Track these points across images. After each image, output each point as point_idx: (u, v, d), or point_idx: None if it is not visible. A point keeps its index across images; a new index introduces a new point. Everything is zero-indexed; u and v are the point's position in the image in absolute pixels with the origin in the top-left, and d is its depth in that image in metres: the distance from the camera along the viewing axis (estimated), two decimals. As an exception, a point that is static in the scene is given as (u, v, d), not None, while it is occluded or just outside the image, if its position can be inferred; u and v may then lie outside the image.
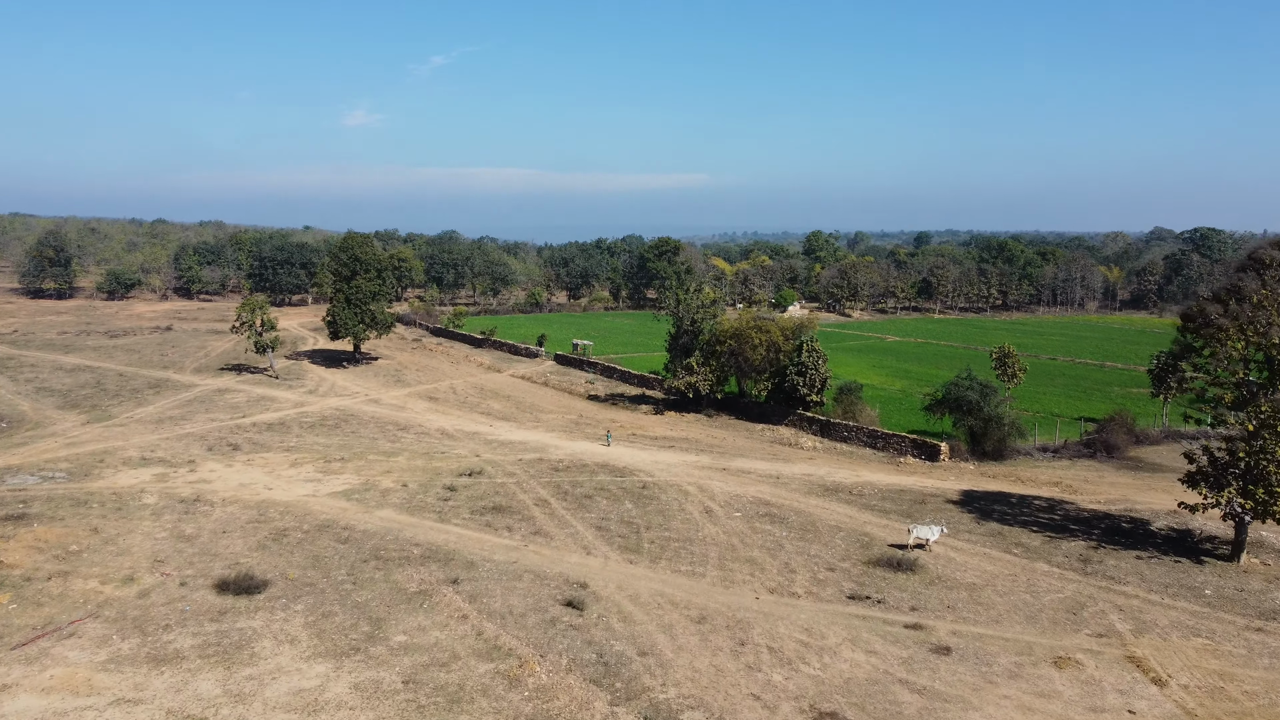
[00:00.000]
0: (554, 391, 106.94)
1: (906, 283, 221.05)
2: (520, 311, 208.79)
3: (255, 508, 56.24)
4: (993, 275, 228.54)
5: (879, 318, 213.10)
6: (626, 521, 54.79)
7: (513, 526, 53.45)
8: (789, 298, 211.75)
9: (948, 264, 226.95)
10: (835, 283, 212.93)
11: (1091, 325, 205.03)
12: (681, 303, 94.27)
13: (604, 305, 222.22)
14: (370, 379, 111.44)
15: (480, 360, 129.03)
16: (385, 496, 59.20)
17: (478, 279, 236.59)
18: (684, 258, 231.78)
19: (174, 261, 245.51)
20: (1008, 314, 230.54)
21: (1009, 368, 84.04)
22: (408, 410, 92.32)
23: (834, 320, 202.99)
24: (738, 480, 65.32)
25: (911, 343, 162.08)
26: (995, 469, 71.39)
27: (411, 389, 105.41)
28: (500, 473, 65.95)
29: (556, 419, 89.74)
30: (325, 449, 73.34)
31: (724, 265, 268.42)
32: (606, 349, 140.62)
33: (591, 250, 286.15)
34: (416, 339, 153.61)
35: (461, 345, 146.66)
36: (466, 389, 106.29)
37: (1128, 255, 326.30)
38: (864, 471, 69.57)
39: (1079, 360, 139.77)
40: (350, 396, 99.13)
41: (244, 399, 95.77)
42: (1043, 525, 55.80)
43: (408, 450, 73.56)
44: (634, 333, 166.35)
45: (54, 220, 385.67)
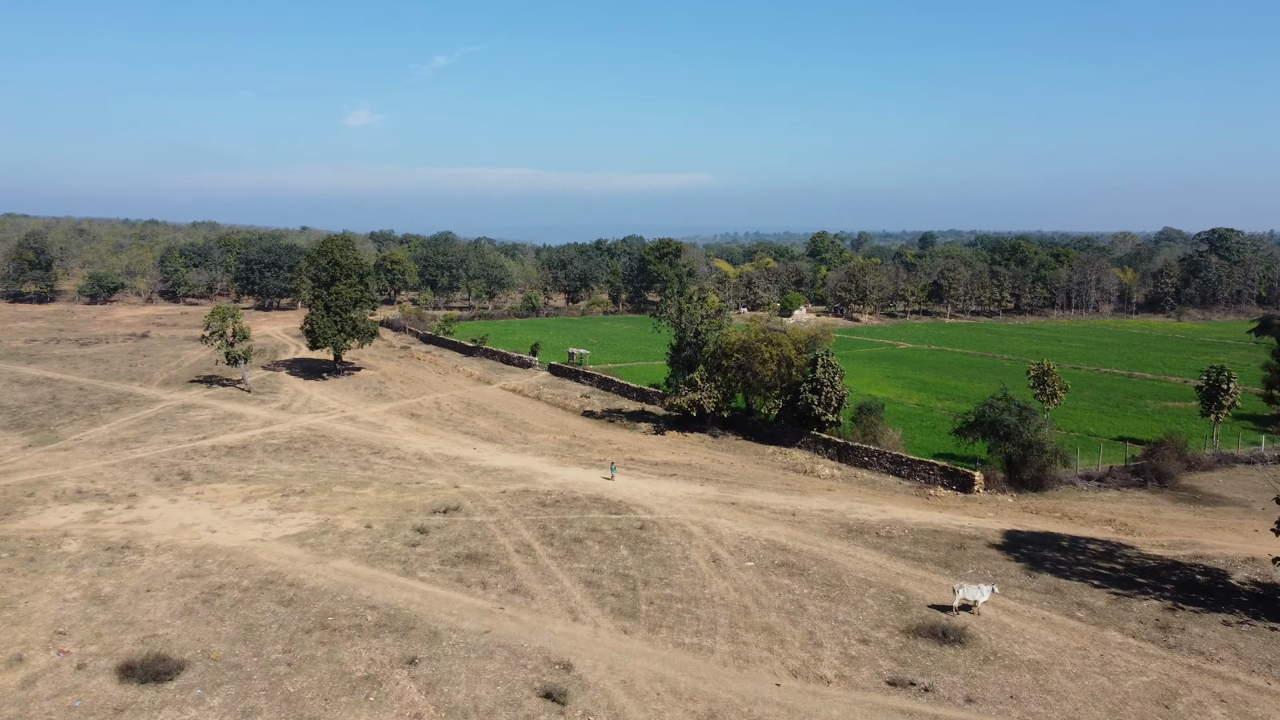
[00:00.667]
0: (546, 407, 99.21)
1: (916, 286, 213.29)
2: (516, 316, 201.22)
3: (192, 556, 48.59)
4: (1005, 278, 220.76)
5: (888, 322, 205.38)
6: (621, 574, 47.10)
7: (488, 581, 45.77)
8: (795, 301, 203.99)
9: (959, 266, 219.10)
10: (843, 286, 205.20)
11: (1109, 330, 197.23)
12: (684, 312, 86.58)
13: (603, 309, 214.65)
14: (349, 392, 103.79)
15: (470, 371, 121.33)
16: (344, 541, 51.52)
17: (473, 282, 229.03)
18: (686, 260, 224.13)
19: (160, 264, 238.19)
20: (1020, 318, 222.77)
21: (1048, 386, 76.11)
22: (385, 430, 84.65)
23: (842, 325, 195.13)
24: (748, 518, 57.61)
25: (925, 350, 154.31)
26: (1037, 502, 63.63)
27: (393, 404, 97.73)
28: (480, 509, 58.27)
29: (547, 440, 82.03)
30: (286, 478, 65.66)
31: (727, 267, 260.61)
32: (604, 357, 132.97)
33: (591, 252, 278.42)
34: (405, 346, 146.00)
35: (451, 354, 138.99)
36: (452, 404, 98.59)
37: (1139, 257, 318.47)
38: (890, 505, 61.83)
39: (1104, 370, 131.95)
40: (325, 413, 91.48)
41: (208, 417, 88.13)
42: (1104, 578, 48.07)
43: (379, 480, 65.87)
44: (634, 339, 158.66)
45: (43, 221, 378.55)
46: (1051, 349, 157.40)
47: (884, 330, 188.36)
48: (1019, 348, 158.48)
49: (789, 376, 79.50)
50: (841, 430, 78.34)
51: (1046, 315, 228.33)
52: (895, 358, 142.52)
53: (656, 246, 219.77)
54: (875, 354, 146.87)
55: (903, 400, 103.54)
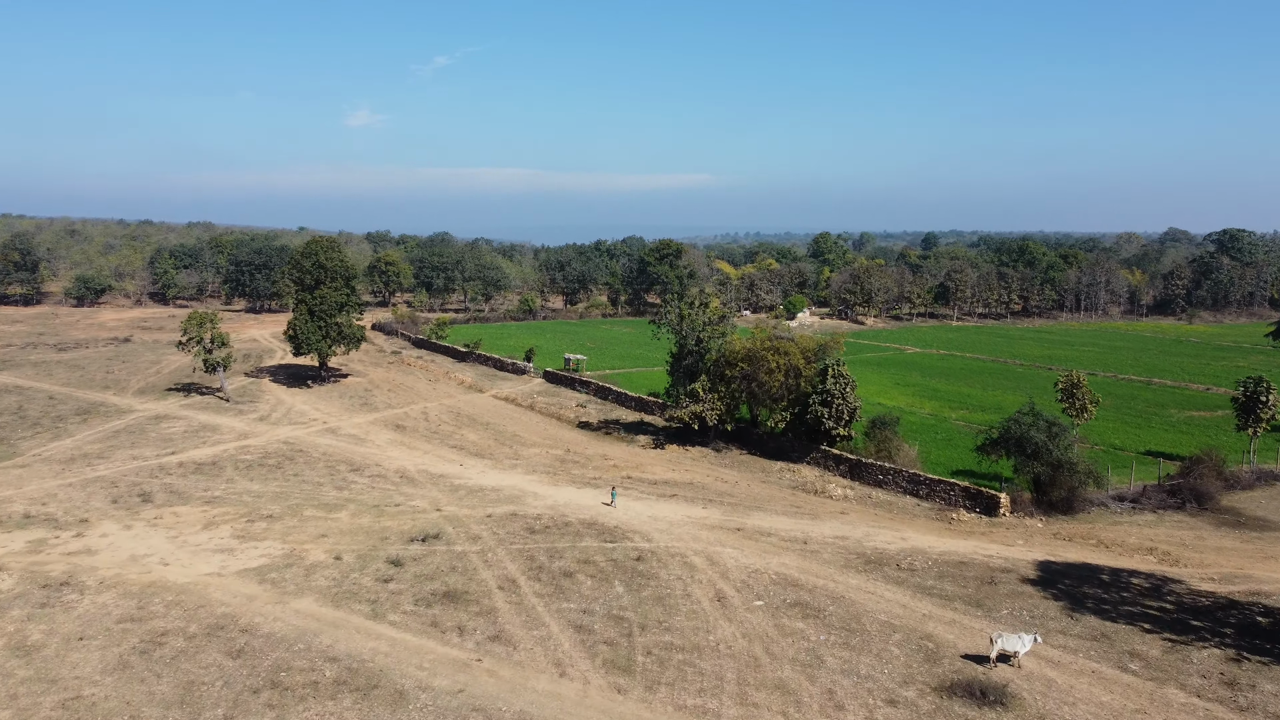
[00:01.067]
0: (540, 417, 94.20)
1: (923, 288, 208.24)
2: (512, 319, 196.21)
3: (137, 595, 43.62)
4: (1013, 280, 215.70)
5: (894, 325, 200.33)
6: (615, 616, 42.12)
7: (467, 626, 40.80)
8: (798, 304, 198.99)
9: (965, 268, 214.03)
10: (847, 288, 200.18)
11: (1121, 334, 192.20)
12: (685, 319, 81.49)
13: (601, 312, 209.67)
14: (333, 401, 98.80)
15: (461, 378, 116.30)
16: (310, 576, 46.53)
17: (468, 284, 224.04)
18: (686, 261, 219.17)
19: (149, 265, 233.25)
20: (1029, 321, 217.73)
21: (1078, 399, 70.99)
22: (368, 443, 79.65)
23: (847, 328, 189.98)
24: (756, 547, 52.61)
25: (934, 355, 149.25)
26: (1069, 526, 58.60)
27: (378, 414, 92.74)
28: (462, 536, 53.29)
29: (540, 455, 77.01)
30: (255, 500, 60.67)
31: (728, 269, 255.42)
32: (602, 363, 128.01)
33: (590, 253, 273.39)
34: (396, 351, 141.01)
35: (443, 359, 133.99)
36: (441, 414, 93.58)
37: (1146, 258, 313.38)
38: (909, 531, 56.82)
39: (1122, 377, 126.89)
40: (305, 425, 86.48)
41: (181, 429, 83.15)
42: (1155, 620, 43.08)
43: (355, 502, 60.89)
44: (633, 344, 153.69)
45: (35, 221, 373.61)
46: (1064, 354, 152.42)
47: (890, 334, 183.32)
48: (1031, 352, 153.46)
49: (797, 387, 74.51)
50: (853, 445, 73.34)
51: (1055, 318, 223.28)
52: (904, 363, 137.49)
53: (656, 247, 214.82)
54: (883, 359, 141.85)
55: (914, 410, 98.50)
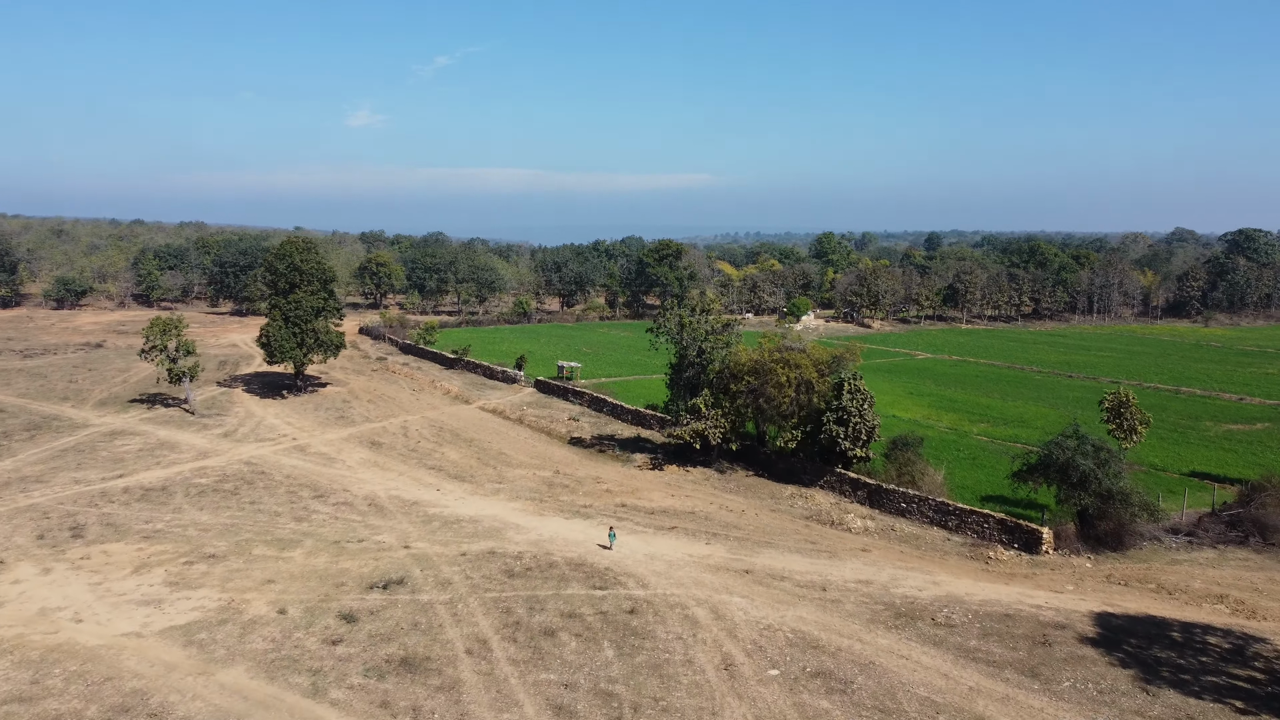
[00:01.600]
0: (529, 432, 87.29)
1: (931, 290, 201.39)
2: (506, 322, 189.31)
3: (36, 664, 36.75)
4: (1024, 281, 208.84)
5: (902, 328, 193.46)
6: (603, 691, 35.24)
7: (423, 707, 33.89)
8: (802, 306, 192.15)
9: (975, 269, 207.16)
10: (853, 290, 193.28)
11: (1137, 337, 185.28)
12: (686, 327, 74.52)
13: (599, 314, 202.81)
14: (308, 414, 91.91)
15: (448, 387, 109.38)
16: (245, 636, 39.64)
17: (461, 285, 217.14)
18: (686, 262, 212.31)
19: (133, 266, 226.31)
20: (1040, 324, 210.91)
21: (1126, 420, 64.03)
22: (338, 464, 72.76)
23: (853, 331, 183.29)
24: (768, 595, 45.71)
25: (946, 361, 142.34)
26: (1122, 566, 51.71)
27: (354, 429, 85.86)
28: (430, 581, 46.42)
29: (526, 477, 70.09)
30: (200, 535, 53.78)
31: (730, 270, 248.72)
32: (597, 370, 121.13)
33: (588, 253, 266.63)
34: (381, 358, 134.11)
35: (431, 366, 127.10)
36: (422, 429, 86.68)
37: (1157, 259, 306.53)
38: (942, 573, 49.92)
39: (1148, 385, 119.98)
40: (273, 442, 79.59)
41: (136, 447, 76.27)
42: (1247, 695, 36.18)
43: (313, 536, 54.02)
44: (630, 349, 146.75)
45: (22, 221, 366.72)
46: (1082, 359, 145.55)
47: (898, 338, 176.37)
48: (1047, 358, 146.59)
49: (809, 403, 67.65)
50: (872, 468, 66.51)
51: (1067, 320, 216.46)
52: (915, 370, 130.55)
53: (656, 248, 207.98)
54: (893, 366, 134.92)
55: (932, 423, 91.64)
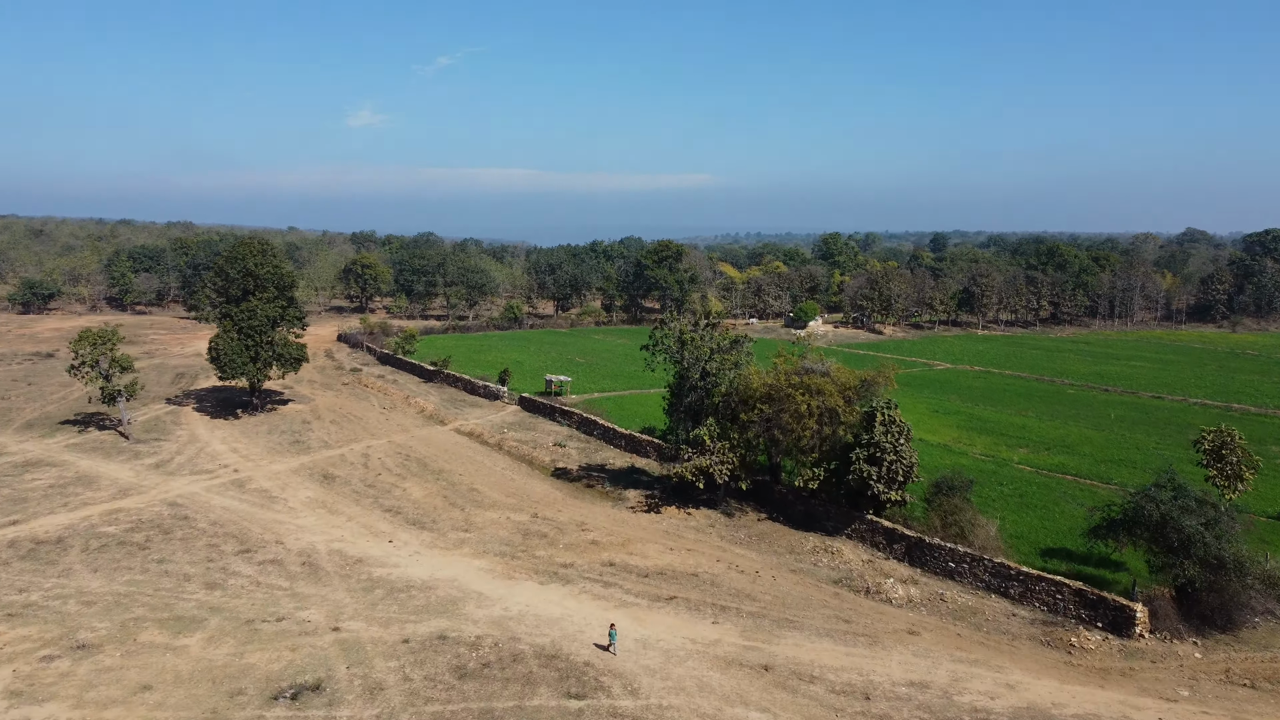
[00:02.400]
0: (508, 461, 76.50)
1: (945, 294, 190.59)
2: (495, 328, 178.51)
3: None
4: (1043, 284, 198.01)
5: (914, 335, 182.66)
6: None
7: None
8: (810, 311, 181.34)
9: (992, 272, 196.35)
10: (864, 294, 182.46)
11: (1166, 344, 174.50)
12: (688, 344, 63.44)
13: (594, 319, 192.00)
14: (259, 438, 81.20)
15: (423, 404, 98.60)
16: (84, 788, 28.88)
17: (450, 288, 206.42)
18: (687, 264, 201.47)
19: (106, 268, 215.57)
20: (1059, 329, 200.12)
21: (1230, 464, 53.17)
22: (279, 503, 62.03)
23: (865, 339, 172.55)
24: (794, 706, 34.94)
25: (969, 372, 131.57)
26: (1240, 656, 40.93)
27: (308, 457, 75.13)
28: (356, 686, 35.69)
29: (498, 522, 59.32)
30: (81, 612, 43.02)
31: (732, 272, 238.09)
32: (590, 383, 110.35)
33: (585, 255, 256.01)
34: (355, 369, 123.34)
35: (408, 379, 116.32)
36: (386, 457, 75.95)
37: (1174, 260, 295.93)
38: (1015, 669, 39.15)
39: (1194, 401, 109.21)
40: (210, 474, 68.84)
41: (47, 482, 65.49)
42: None
43: (222, 612, 43.23)
44: (627, 358, 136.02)
45: (3, 221, 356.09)
46: (1114, 370, 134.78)
47: (913, 345, 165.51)
48: (1076, 369, 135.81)
49: (834, 436, 56.93)
50: (908, 512, 55.80)
51: (1087, 325, 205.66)
52: (937, 383, 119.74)
53: (655, 249, 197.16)
54: (912, 378, 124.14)
55: (964, 448, 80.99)
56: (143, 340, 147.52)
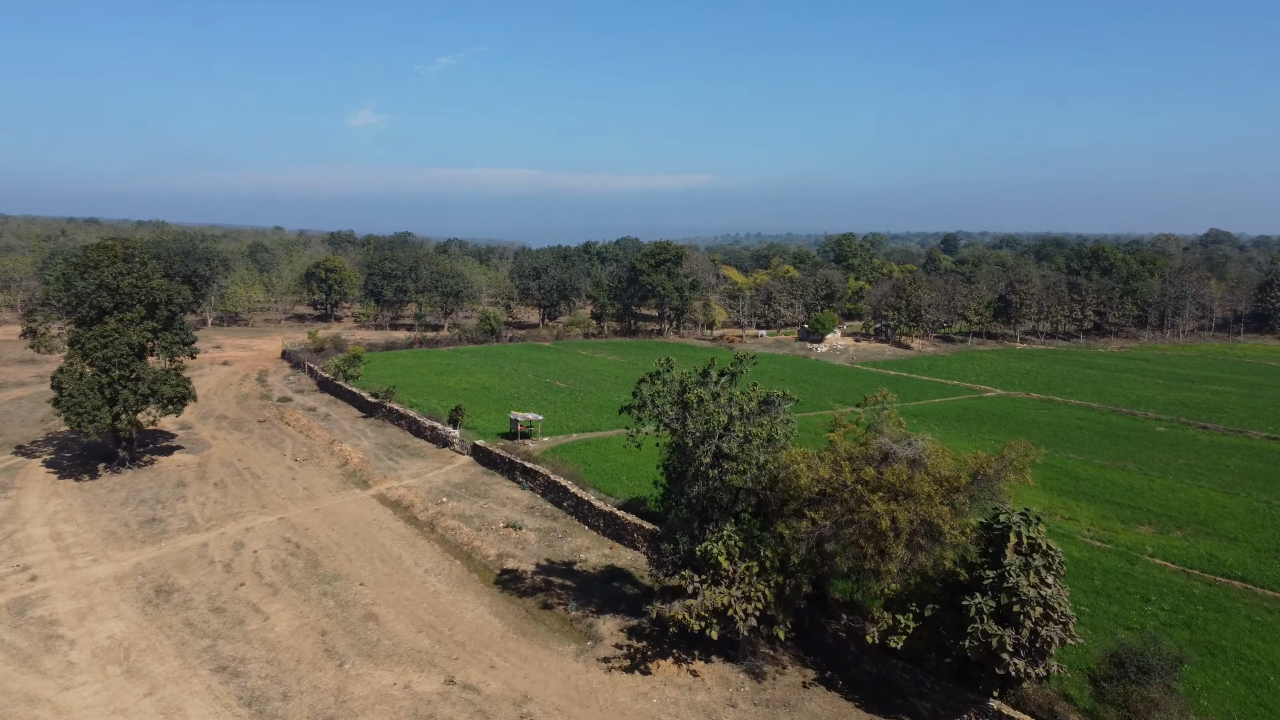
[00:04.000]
0: (438, 554, 54.30)
1: (980, 302, 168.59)
2: (469, 341, 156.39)
3: None
4: (1088, 291, 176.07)
5: (945, 349, 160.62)
6: None
7: None
8: (827, 322, 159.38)
9: (1031, 277, 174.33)
10: (889, 302, 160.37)
11: (1235, 361, 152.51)
12: (693, 408, 40.51)
13: (583, 331, 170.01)
14: (104, 513, 59.18)
15: (349, 453, 76.56)
16: None
17: (422, 295, 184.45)
18: (688, 269, 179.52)
19: (39, 272, 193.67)
20: (1104, 341, 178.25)
21: None
22: (56, 654, 39.96)
23: (891, 356, 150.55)
24: None
25: (1027, 402, 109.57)
26: None
27: (155, 549, 53.11)
28: None
29: (387, 697, 37.14)
30: None
31: (738, 276, 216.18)
32: (569, 418, 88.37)
33: (576, 257, 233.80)
34: (285, 398, 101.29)
35: (344, 412, 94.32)
36: (264, 549, 53.86)
37: (1213, 264, 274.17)
38: None
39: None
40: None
41: None
42: None
43: None
44: (618, 380, 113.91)
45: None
46: (1200, 398, 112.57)
47: (949, 364, 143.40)
48: (1151, 396, 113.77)
49: (935, 566, 34.96)
50: (1053, 686, 33.87)
51: (1135, 337, 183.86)
52: (994, 417, 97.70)
53: (651, 252, 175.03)
54: (961, 410, 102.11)
55: (1064, 525, 59.18)
56: (46, 360, 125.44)
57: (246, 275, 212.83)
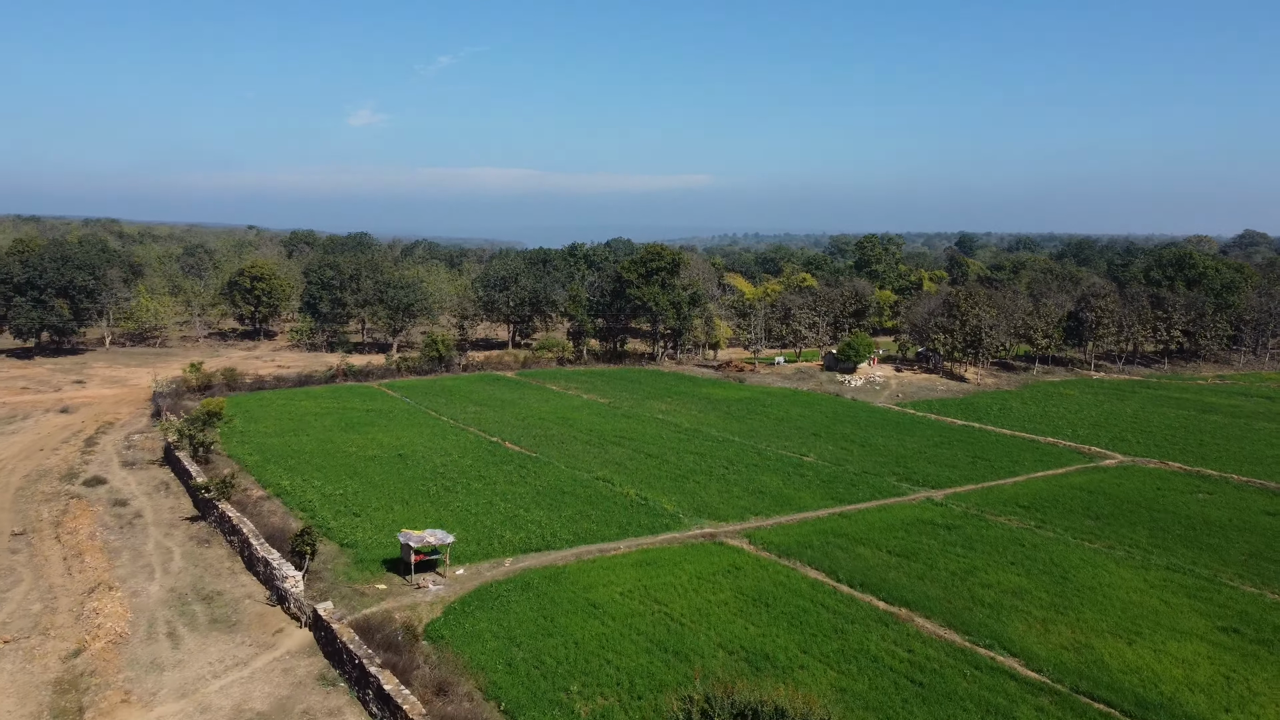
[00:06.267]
0: None
1: (1049, 321, 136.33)
2: (412, 371, 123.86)
3: None
4: (1175, 307, 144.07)
5: (1007, 379, 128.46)
6: None
7: None
8: (861, 348, 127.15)
9: (1110, 291, 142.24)
10: (939, 323, 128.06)
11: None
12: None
13: (557, 356, 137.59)
14: None
15: (105, 619, 44.16)
16: None
17: (364, 309, 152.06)
18: (686, 279, 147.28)
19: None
20: (1192, 367, 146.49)
21: None
22: None
23: (945, 390, 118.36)
24: None
25: (1173, 477, 77.15)
26: None
27: None
28: None
29: None
30: None
31: (745, 286, 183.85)
32: (507, 522, 55.63)
33: (559, 261, 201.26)
34: (96, 480, 69.00)
35: (167, 509, 61.92)
36: None
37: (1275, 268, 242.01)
38: None
39: None
40: None
41: None
42: None
43: None
44: (591, 437, 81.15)
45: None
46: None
47: (1023, 404, 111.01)
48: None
49: None
50: None
51: (1228, 362, 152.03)
52: (1140, 511, 65.17)
53: (642, 258, 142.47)
54: (1083, 496, 69.64)
55: None
56: None
57: (160, 284, 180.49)
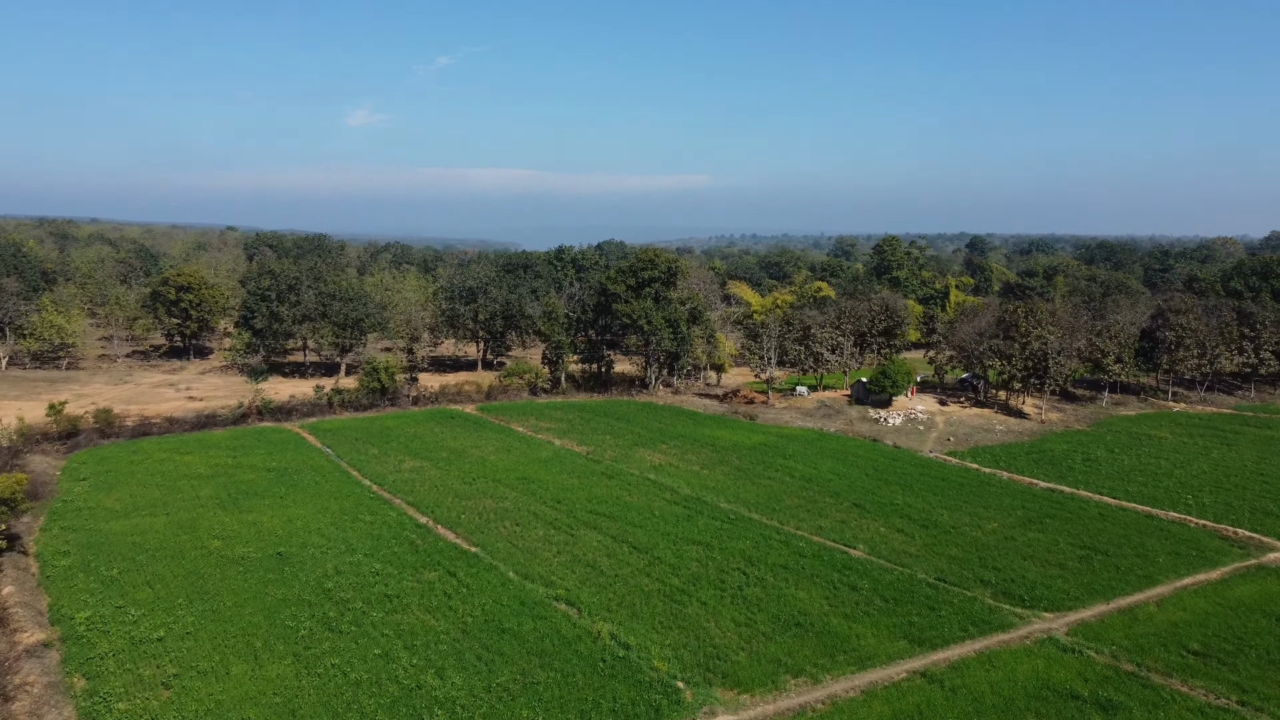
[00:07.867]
0: None
1: (1120, 342, 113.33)
2: (349, 407, 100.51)
3: None
4: (1265, 324, 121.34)
5: (1073, 414, 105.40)
6: None
7: None
8: (900, 378, 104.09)
9: (1193, 306, 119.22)
10: (993, 345, 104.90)
11: None
12: None
13: (529, 383, 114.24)
14: None
15: None
16: None
17: (304, 325, 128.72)
18: (685, 290, 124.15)
19: None
20: (1268, 394, 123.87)
21: None
22: None
23: (1004, 431, 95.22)
24: None
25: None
26: None
27: None
28: None
29: None
30: None
31: (751, 296, 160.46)
32: None
33: (541, 268, 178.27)
34: None
35: None
36: None
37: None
38: None
39: None
40: None
41: None
42: None
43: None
44: (559, 514, 58.11)
45: None
46: None
47: (1108, 451, 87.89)
48: None
49: None
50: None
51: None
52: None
53: (632, 266, 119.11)
54: (1267, 640, 46.65)
55: None
56: None
57: (83, 293, 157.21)
